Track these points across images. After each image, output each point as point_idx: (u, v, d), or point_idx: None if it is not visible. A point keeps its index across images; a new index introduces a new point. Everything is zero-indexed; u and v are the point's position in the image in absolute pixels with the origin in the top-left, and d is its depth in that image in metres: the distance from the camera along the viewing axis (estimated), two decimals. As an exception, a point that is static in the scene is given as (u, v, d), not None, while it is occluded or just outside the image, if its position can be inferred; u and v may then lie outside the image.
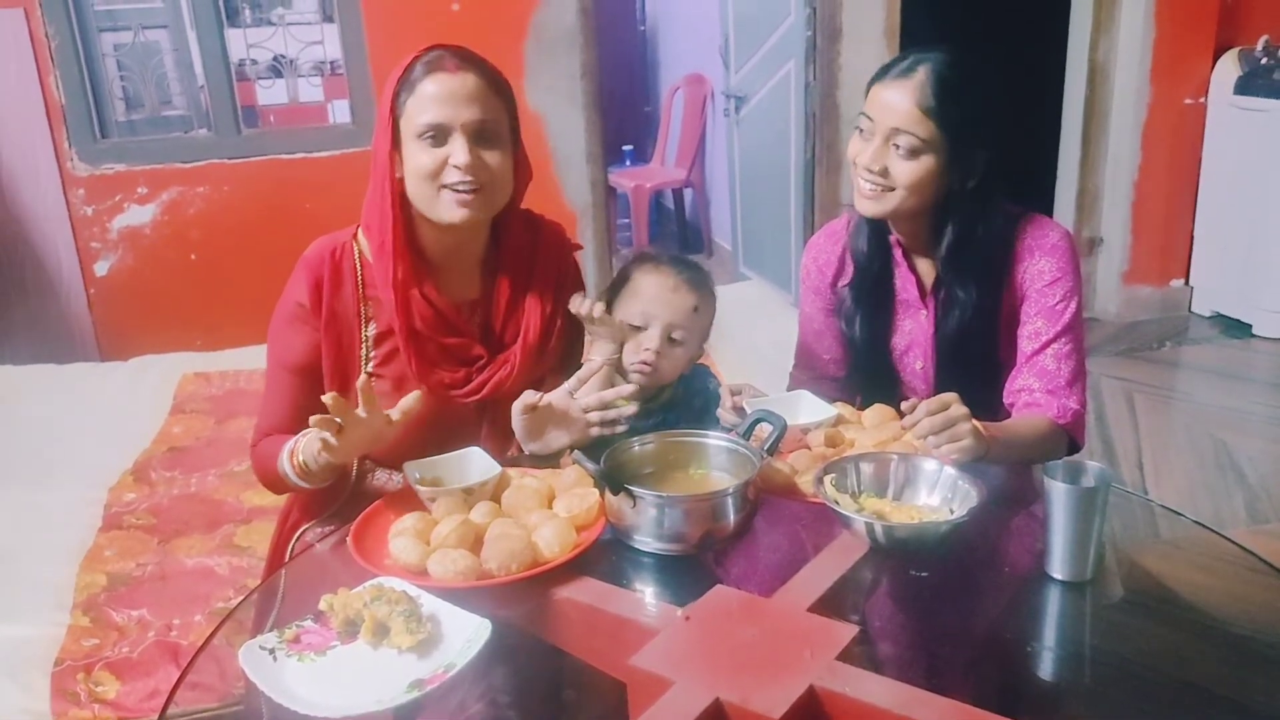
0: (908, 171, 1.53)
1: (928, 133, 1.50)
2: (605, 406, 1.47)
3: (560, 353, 1.65)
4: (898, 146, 1.52)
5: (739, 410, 1.53)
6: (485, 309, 1.60)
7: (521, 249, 1.61)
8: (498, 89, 1.50)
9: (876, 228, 1.67)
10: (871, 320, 1.70)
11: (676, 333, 1.62)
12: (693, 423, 1.63)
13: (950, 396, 1.35)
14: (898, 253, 1.67)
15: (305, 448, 1.41)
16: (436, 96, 1.44)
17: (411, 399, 1.36)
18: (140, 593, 2.09)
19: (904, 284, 1.68)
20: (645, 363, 1.60)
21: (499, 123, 1.49)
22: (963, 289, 1.60)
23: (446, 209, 1.47)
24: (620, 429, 1.40)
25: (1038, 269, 1.59)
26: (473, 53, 1.51)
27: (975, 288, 1.60)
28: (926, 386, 1.70)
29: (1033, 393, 1.57)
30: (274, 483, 1.53)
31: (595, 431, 1.42)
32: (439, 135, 1.45)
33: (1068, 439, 1.57)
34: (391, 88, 1.49)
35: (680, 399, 1.70)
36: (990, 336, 1.63)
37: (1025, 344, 1.59)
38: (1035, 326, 1.58)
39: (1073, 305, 1.58)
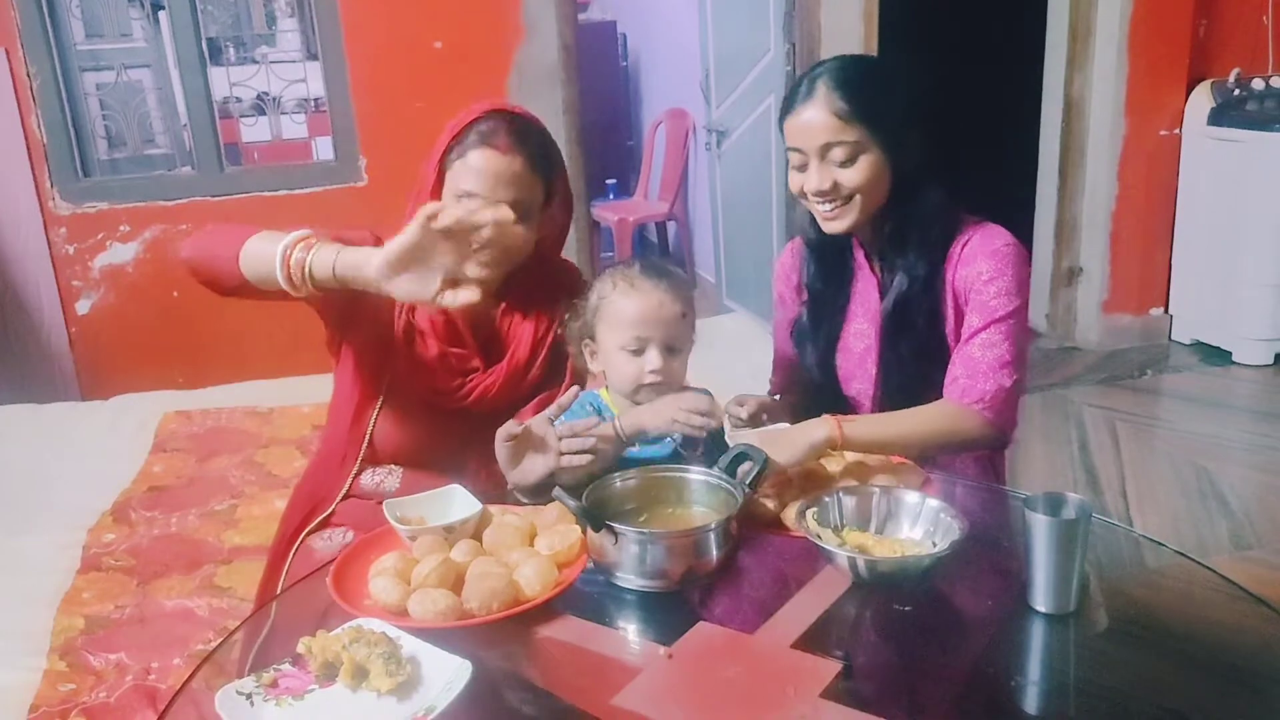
0: (854, 176, 1.57)
1: (854, 134, 1.56)
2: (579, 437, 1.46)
3: (543, 373, 1.70)
4: (834, 160, 1.57)
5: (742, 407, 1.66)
6: (490, 328, 1.68)
7: (535, 283, 1.69)
8: (538, 169, 1.58)
9: (834, 242, 1.70)
10: (821, 347, 1.75)
11: (673, 344, 1.62)
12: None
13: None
14: (859, 255, 1.71)
15: (342, 254, 1.36)
16: (480, 171, 1.54)
17: (431, 208, 1.31)
18: (118, 636, 2.05)
19: (865, 286, 1.71)
20: (655, 376, 1.57)
21: (532, 202, 1.59)
22: (901, 256, 1.63)
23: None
24: (589, 460, 1.40)
25: (977, 271, 1.60)
26: (528, 125, 1.59)
27: (913, 254, 1.62)
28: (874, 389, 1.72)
29: (956, 380, 1.58)
30: (217, 259, 1.45)
31: (566, 460, 1.41)
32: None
33: (977, 421, 1.56)
34: (446, 140, 1.57)
35: None
36: (934, 332, 1.64)
37: (961, 340, 1.61)
38: (969, 322, 1.60)
39: (1005, 301, 1.58)
